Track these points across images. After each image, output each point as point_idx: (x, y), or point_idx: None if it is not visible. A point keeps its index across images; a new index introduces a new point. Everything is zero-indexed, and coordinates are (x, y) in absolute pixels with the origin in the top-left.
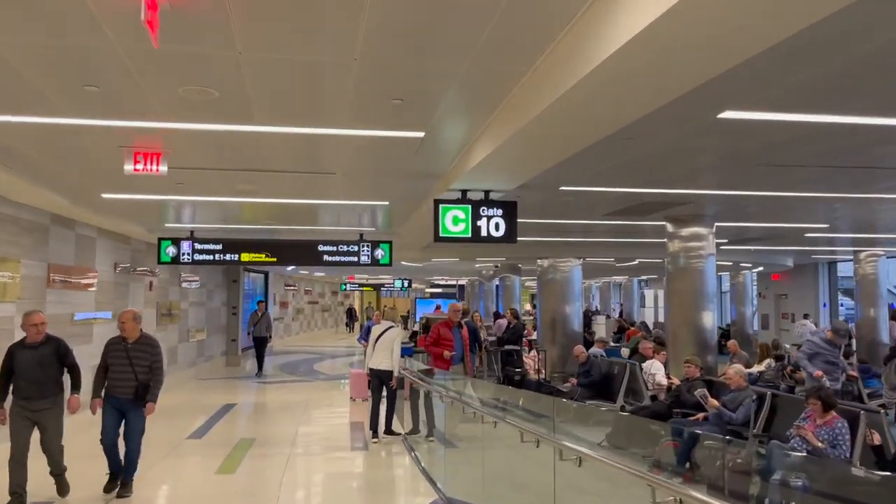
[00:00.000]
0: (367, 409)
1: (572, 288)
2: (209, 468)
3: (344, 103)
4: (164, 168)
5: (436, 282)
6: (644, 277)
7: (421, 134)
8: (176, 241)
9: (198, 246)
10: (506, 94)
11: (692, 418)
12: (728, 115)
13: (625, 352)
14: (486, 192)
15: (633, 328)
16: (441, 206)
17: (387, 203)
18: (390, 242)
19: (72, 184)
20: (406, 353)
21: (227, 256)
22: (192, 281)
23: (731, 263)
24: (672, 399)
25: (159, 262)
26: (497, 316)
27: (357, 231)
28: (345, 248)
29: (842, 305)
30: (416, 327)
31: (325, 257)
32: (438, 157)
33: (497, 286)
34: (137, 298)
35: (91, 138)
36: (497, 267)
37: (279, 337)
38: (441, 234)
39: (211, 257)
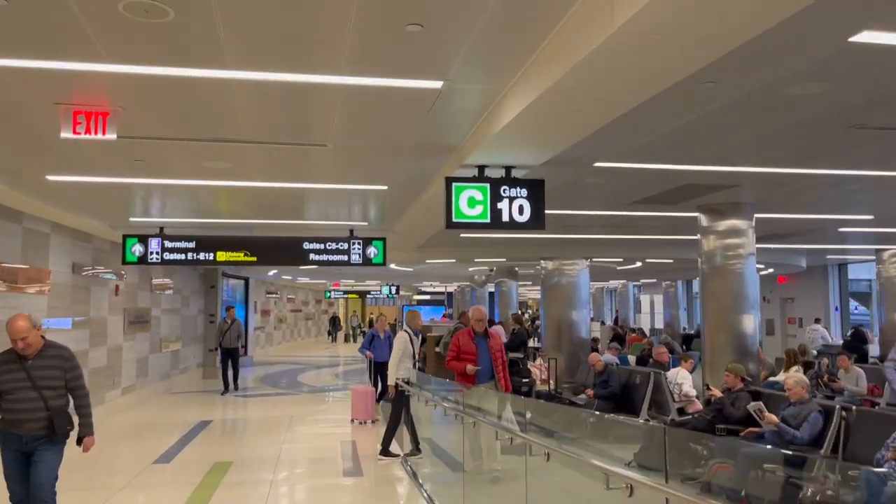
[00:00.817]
0: (369, 432)
1: (579, 292)
2: (177, 500)
3: (343, 34)
4: (111, 134)
5: (423, 289)
6: (643, 282)
7: (439, 84)
8: (143, 239)
9: (168, 244)
10: (543, 36)
11: (744, 434)
12: (865, 37)
13: (630, 359)
14: (508, 170)
15: (633, 334)
16: (454, 185)
17: (385, 188)
18: (384, 239)
19: (6, 161)
20: None
21: (202, 255)
22: (165, 286)
23: None
24: (713, 413)
25: (124, 263)
26: (492, 323)
27: (346, 227)
28: (333, 245)
29: (855, 310)
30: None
31: (312, 256)
32: (453, 121)
33: (491, 292)
34: (101, 304)
35: (17, 92)
36: (492, 271)
37: (261, 347)
38: (454, 219)
39: (183, 256)
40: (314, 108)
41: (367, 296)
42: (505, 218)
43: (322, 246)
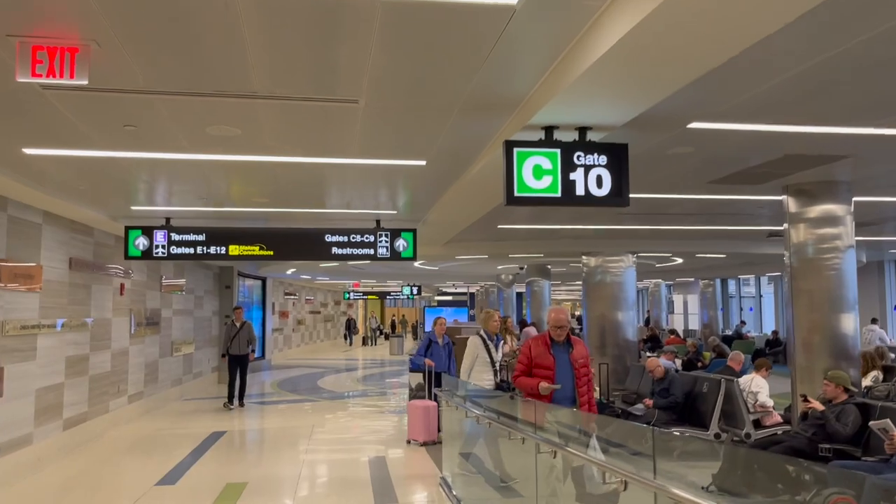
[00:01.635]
0: (408, 449)
1: (625, 292)
2: None
3: None
4: (82, 78)
5: (444, 289)
6: (678, 280)
7: (514, 1)
8: (148, 231)
9: (175, 237)
10: None
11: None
12: None
13: (676, 363)
14: (582, 132)
15: (672, 335)
16: (516, 150)
17: (422, 163)
18: (414, 231)
19: None
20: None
21: (212, 249)
22: (177, 287)
23: None
24: (813, 429)
25: (127, 257)
26: (524, 324)
27: (372, 216)
28: (358, 237)
29: None
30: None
31: (335, 250)
32: (519, 65)
33: (518, 293)
34: (103, 304)
35: None
36: (522, 269)
37: (278, 350)
38: (517, 194)
39: (191, 251)
40: (345, 44)
41: (387, 297)
42: (579, 191)
43: (345, 238)
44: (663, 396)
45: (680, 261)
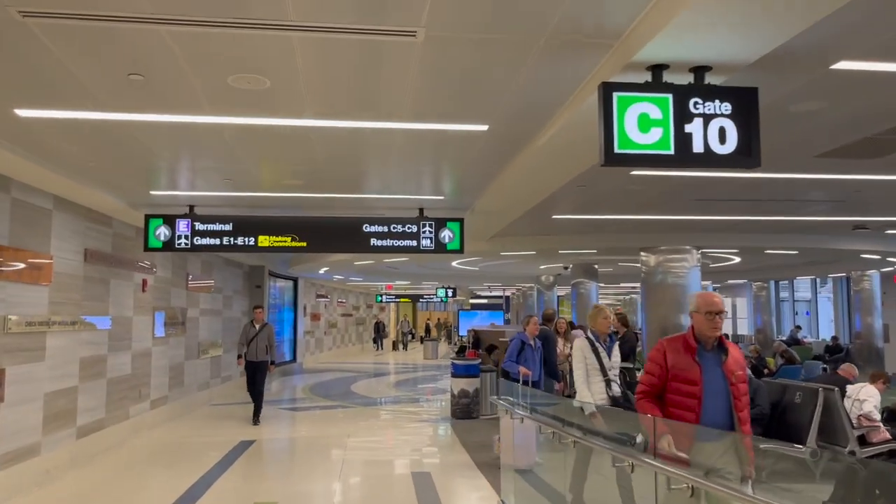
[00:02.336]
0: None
1: (688, 292)
2: None
3: None
4: None
5: (478, 292)
6: (729, 282)
7: None
8: (169, 220)
9: (199, 226)
10: None
11: None
12: None
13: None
14: (699, 73)
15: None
16: (616, 95)
17: (484, 128)
18: (461, 221)
19: None
20: (472, 371)
21: (240, 240)
22: (205, 283)
23: (878, 257)
24: None
25: (146, 249)
26: (572, 327)
27: (415, 203)
28: (399, 227)
29: None
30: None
31: (374, 241)
32: None
33: (559, 296)
34: (123, 300)
35: None
36: (566, 269)
37: (310, 353)
38: (618, 150)
39: (217, 241)
40: None
41: (420, 300)
42: (697, 147)
43: (385, 228)
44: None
45: (737, 260)
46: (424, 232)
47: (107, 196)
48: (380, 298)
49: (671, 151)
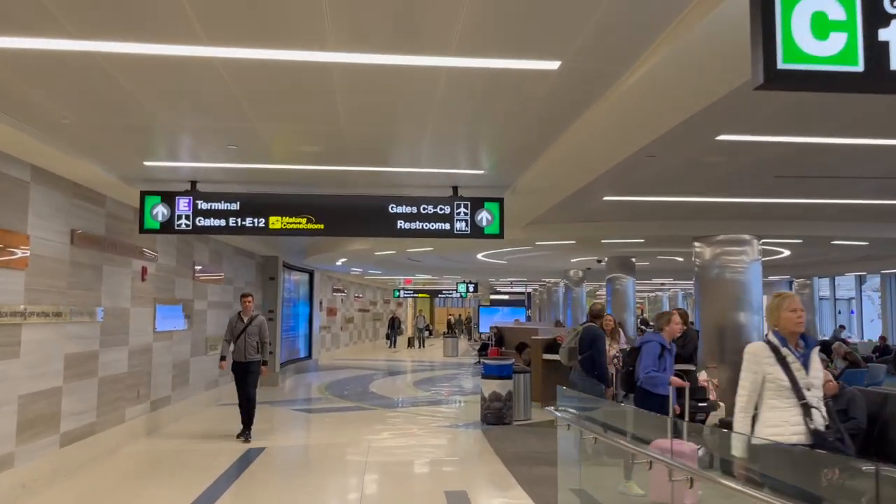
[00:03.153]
0: (520, 490)
1: (749, 288)
2: None
3: None
4: None
5: (499, 288)
6: (772, 279)
7: None
8: (168, 198)
9: (202, 205)
10: None
11: None
12: None
13: None
14: None
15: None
16: None
17: (554, 67)
18: (500, 201)
19: None
20: (505, 372)
21: (248, 222)
22: (214, 274)
23: None
24: None
25: (142, 230)
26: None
27: (447, 178)
28: (430, 209)
29: None
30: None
31: (401, 223)
32: None
33: (589, 290)
34: (119, 290)
35: None
36: (600, 263)
37: (326, 349)
38: (782, 65)
39: (223, 222)
40: None
41: (439, 295)
42: (894, 65)
43: (414, 209)
44: (841, 420)
45: (786, 253)
46: (459, 213)
47: (94, 167)
48: (398, 293)
49: (858, 67)
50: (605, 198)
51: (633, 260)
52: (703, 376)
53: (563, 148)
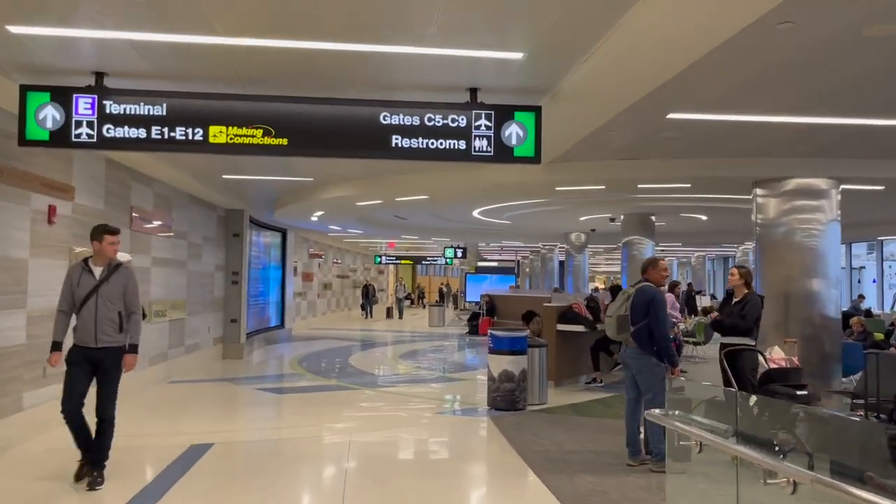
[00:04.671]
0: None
1: (823, 250)
2: None
3: None
4: None
5: (485, 256)
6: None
7: None
8: (62, 95)
9: (112, 107)
10: None
11: None
12: None
13: None
14: None
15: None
16: None
17: None
18: (537, 111)
19: None
20: (518, 346)
21: (179, 132)
22: (159, 223)
23: None
24: None
25: (23, 141)
26: (673, 287)
27: (464, 74)
28: (438, 119)
29: None
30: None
31: (396, 140)
32: None
33: (561, 262)
34: (9, 233)
35: None
36: (613, 221)
37: (301, 317)
38: None
39: (142, 133)
40: None
41: (422, 262)
42: None
43: (416, 120)
44: None
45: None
46: (479, 127)
47: None
48: (379, 259)
49: None
50: (671, 115)
51: (653, 218)
52: (776, 353)
53: (633, 31)
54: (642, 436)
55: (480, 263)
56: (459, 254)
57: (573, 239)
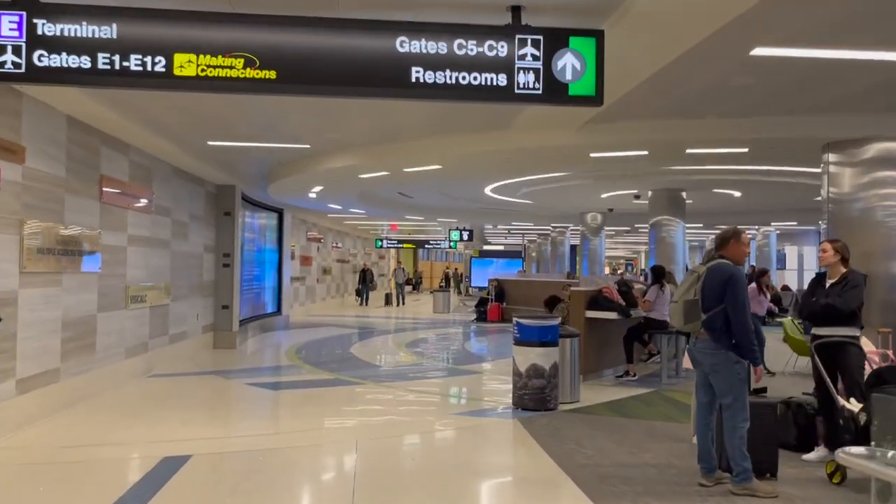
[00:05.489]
0: None
1: None
2: None
3: None
4: None
5: (489, 240)
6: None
7: None
8: None
9: (46, 28)
10: None
11: None
12: None
13: None
14: None
15: None
16: None
17: None
18: (598, 36)
19: None
20: (549, 336)
21: (134, 62)
22: (137, 195)
23: None
24: None
25: None
26: (760, 275)
27: None
28: (472, 46)
29: None
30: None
31: (417, 73)
32: None
33: (573, 245)
34: None
35: None
36: (638, 199)
37: (300, 303)
38: None
39: (86, 62)
40: None
41: (425, 246)
42: None
43: (443, 47)
44: None
45: None
46: (523, 56)
47: None
48: (380, 243)
49: None
50: (756, 50)
51: (684, 195)
52: (866, 345)
53: None
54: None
55: (484, 247)
56: (465, 237)
57: (589, 220)
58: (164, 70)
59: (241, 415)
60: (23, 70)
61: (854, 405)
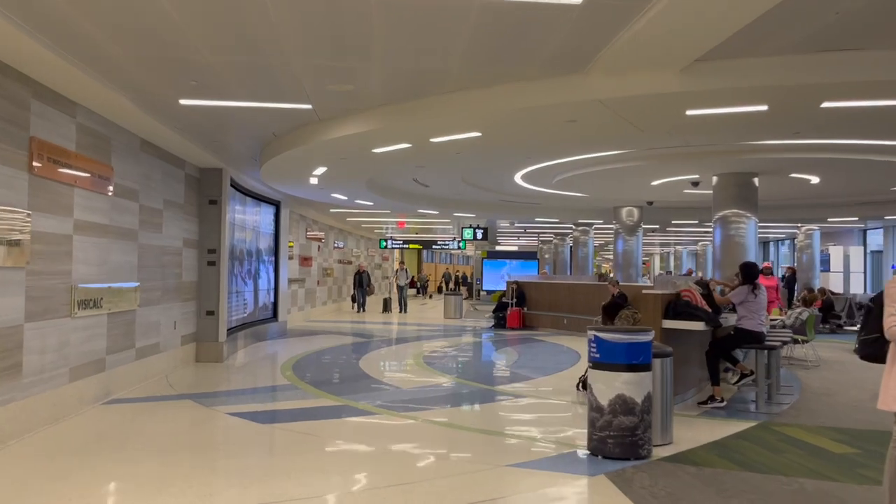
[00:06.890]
0: None
1: None
2: None
3: None
4: None
5: (499, 240)
6: (828, 226)
7: None
8: None
9: None
10: None
11: None
12: None
13: None
14: None
15: None
16: None
17: None
18: None
19: None
20: (640, 357)
21: None
22: (88, 169)
23: None
24: None
25: None
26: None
27: None
28: None
29: None
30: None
31: None
32: None
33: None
34: None
35: None
36: (696, 185)
37: (298, 308)
38: None
39: None
40: None
41: (433, 246)
42: None
43: None
44: None
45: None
46: None
47: None
48: (384, 244)
49: None
50: None
51: (756, 181)
52: None
53: None
54: None
55: (496, 248)
56: (479, 235)
57: (624, 215)
58: None
59: (206, 466)
60: None
61: None
